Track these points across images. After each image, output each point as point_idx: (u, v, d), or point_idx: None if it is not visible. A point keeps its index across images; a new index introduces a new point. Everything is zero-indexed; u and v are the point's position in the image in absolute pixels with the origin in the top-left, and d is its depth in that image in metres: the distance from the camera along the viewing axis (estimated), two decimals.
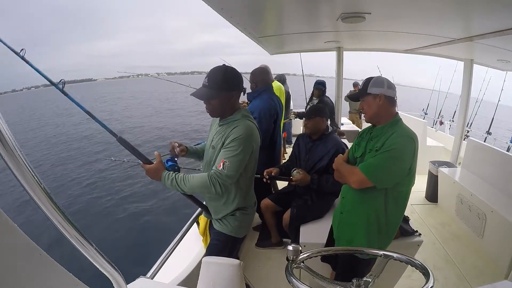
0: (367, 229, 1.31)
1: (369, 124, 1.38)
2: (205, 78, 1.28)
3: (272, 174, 1.99)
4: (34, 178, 0.38)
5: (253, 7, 1.50)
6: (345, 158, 1.41)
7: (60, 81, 1.30)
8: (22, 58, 1.23)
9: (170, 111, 20.59)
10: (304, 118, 3.85)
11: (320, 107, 2.14)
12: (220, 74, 1.27)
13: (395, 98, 1.29)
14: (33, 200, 0.39)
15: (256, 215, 2.40)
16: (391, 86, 1.26)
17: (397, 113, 1.30)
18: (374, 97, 1.27)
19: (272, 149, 2.32)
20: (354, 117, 6.12)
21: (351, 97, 1.47)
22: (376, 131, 1.31)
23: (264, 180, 1.97)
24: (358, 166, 1.26)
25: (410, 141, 1.19)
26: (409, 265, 0.73)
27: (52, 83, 1.30)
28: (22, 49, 1.23)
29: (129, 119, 17.15)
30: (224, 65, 1.31)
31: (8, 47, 1.21)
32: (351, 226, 1.38)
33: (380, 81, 1.27)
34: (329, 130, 2.07)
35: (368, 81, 1.30)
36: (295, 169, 1.96)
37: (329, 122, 2.15)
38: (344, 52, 3.44)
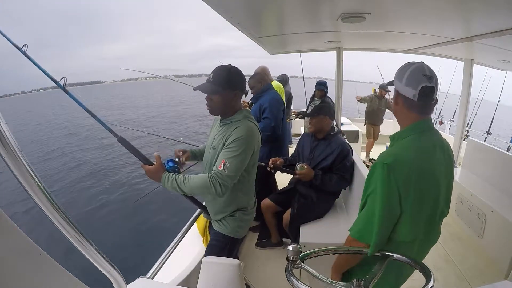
0: None
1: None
2: (210, 74, 1.30)
3: (277, 163, 2.00)
4: (34, 178, 0.38)
5: (253, 7, 1.50)
6: None
7: (61, 79, 1.30)
8: (24, 53, 1.22)
9: None
10: (306, 118, 3.87)
11: (324, 106, 2.17)
12: (225, 72, 1.29)
13: (416, 100, 0.91)
14: (33, 200, 0.39)
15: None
16: (411, 82, 0.91)
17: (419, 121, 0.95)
18: (396, 93, 0.98)
19: (281, 142, 2.46)
20: (371, 129, 4.99)
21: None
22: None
23: (268, 169, 1.99)
24: None
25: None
26: (409, 265, 0.73)
27: (54, 81, 1.31)
28: (25, 45, 1.23)
29: None
30: (229, 64, 1.33)
31: (11, 42, 1.21)
32: None
33: (400, 73, 0.95)
34: (335, 131, 2.07)
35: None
36: (299, 163, 1.98)
37: (334, 122, 2.17)
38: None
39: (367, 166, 3.38)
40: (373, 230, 0.88)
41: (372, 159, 4.34)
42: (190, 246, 1.81)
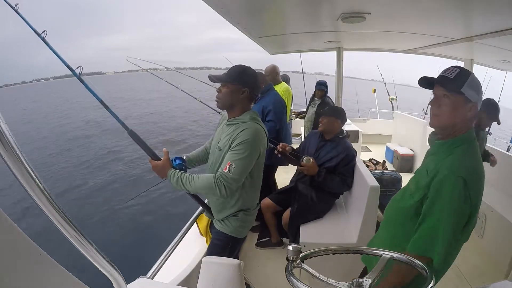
0: None
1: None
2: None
3: (286, 149, 2.02)
4: (34, 178, 0.38)
5: (253, 7, 1.50)
6: None
7: (77, 67, 1.30)
8: (43, 40, 1.23)
9: None
10: (307, 117, 3.89)
11: (340, 109, 2.19)
12: (240, 68, 1.34)
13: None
14: (33, 200, 0.39)
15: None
16: (480, 92, 0.96)
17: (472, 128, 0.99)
18: (466, 102, 0.93)
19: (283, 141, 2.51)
20: None
21: (425, 80, 1.02)
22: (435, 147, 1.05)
23: (276, 152, 2.01)
24: None
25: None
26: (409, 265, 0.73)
27: (70, 69, 1.30)
28: (44, 31, 1.23)
29: None
30: (250, 67, 1.38)
31: (31, 27, 1.22)
32: None
33: (478, 85, 0.94)
34: (344, 134, 2.09)
35: (463, 74, 0.92)
36: (306, 156, 1.99)
37: (345, 126, 2.20)
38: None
39: (367, 166, 3.38)
40: (438, 241, 0.91)
41: (372, 159, 4.33)
42: (190, 246, 1.81)
